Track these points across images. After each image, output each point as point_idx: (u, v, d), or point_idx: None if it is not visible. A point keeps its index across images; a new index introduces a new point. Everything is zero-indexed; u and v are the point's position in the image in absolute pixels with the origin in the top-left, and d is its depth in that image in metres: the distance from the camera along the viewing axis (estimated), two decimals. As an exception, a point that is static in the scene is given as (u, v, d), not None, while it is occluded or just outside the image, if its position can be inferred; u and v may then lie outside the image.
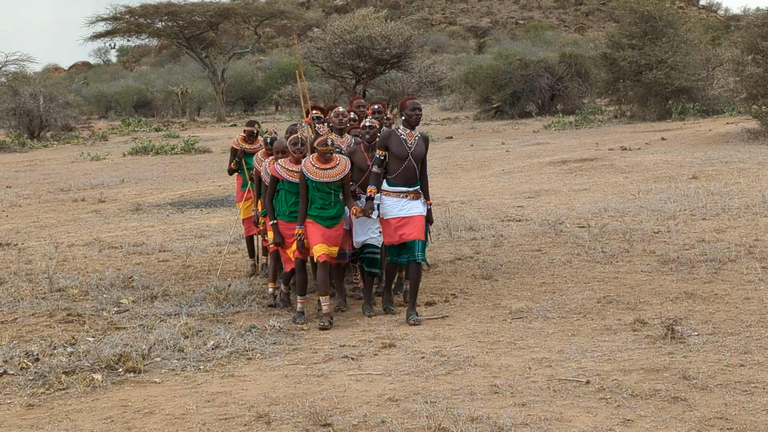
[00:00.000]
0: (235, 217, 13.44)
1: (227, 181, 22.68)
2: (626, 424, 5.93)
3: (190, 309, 9.64)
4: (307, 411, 6.31)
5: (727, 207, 14.23)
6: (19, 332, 8.94)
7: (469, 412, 6.21)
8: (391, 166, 8.92)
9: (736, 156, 21.56)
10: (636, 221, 13.55)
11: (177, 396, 6.91)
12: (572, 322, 8.73)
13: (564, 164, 22.42)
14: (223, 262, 12.05)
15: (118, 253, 13.33)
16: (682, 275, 10.27)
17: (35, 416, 6.55)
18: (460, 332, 8.52)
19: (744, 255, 10.97)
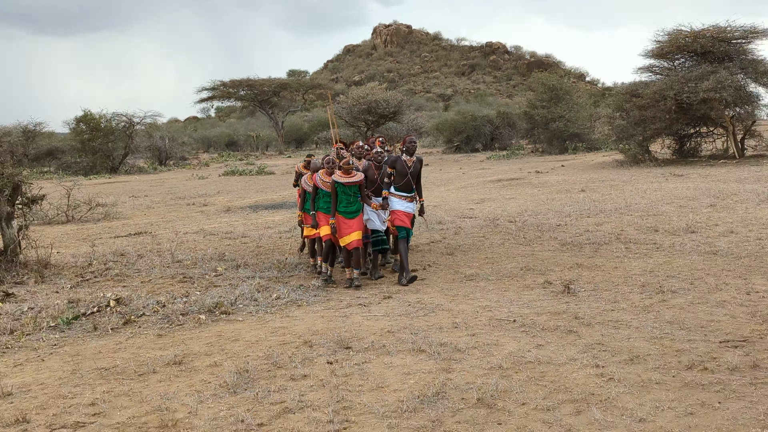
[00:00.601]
0: (294, 216, 13.99)
1: (285, 192, 23.05)
2: (539, 347, 6.29)
3: (261, 274, 10.11)
4: (335, 338, 6.75)
5: (603, 209, 14.74)
6: (152, 289, 9.44)
7: (438, 339, 6.59)
8: (397, 179, 9.44)
9: (609, 177, 22.13)
10: (545, 218, 13.98)
11: (253, 329, 7.33)
12: (504, 282, 9.03)
13: (499, 182, 22.86)
14: (290, 243, 12.55)
15: (215, 238, 13.87)
16: (574, 252, 10.68)
17: (162, 342, 7.04)
18: (433, 289, 8.84)
19: (614, 240, 11.45)
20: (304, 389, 5.54)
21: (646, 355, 5.98)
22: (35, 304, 8.65)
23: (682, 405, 4.90)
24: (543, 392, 5.25)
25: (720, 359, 5.76)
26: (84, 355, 6.76)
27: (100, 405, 5.40)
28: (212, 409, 5.23)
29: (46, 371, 6.31)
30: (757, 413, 4.68)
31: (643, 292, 8.20)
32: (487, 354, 6.19)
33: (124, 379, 6.01)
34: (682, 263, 9.62)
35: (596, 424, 4.65)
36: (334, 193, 9.25)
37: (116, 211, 19.55)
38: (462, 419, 4.85)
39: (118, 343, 7.13)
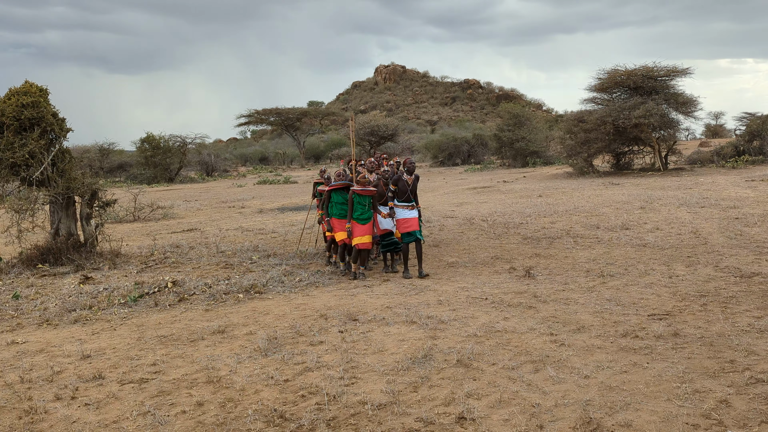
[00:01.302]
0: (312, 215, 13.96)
1: (306, 197, 22.99)
2: (505, 319, 6.30)
3: (287, 261, 10.08)
4: (345, 312, 6.78)
5: (556, 211, 14.72)
6: (201, 273, 9.42)
7: (426, 313, 6.61)
8: (399, 194, 8.90)
9: (560, 185, 22.17)
10: (510, 218, 13.93)
11: (280, 305, 7.33)
12: (478, 268, 9.02)
13: (474, 189, 22.87)
14: (301, 238, 12.37)
15: (251, 233, 13.82)
16: (533, 245, 10.66)
17: (209, 315, 7.03)
18: (422, 273, 8.86)
19: (564, 235, 11.43)
20: (320, 352, 5.56)
21: (590, 326, 5.99)
22: (109, 286, 8.65)
23: (618, 365, 4.90)
24: (509, 355, 5.27)
25: (648, 329, 5.78)
26: (147, 325, 6.78)
27: (160, 365, 5.42)
28: (248, 368, 5.24)
29: (118, 338, 6.33)
30: (677, 371, 4.69)
31: (588, 276, 8.20)
32: (464, 325, 6.21)
33: (178, 344, 6.02)
34: (618, 253, 9.61)
35: (550, 380, 4.66)
36: (351, 202, 8.82)
37: (172, 212, 19.51)
38: (445, 376, 4.86)
39: (174, 316, 7.14)
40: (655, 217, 13.05)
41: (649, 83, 27.13)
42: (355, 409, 4.31)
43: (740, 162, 26.67)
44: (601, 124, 26.50)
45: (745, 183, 19.16)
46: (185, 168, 45.42)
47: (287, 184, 33.33)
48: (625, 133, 26.63)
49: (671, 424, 3.83)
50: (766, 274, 7.66)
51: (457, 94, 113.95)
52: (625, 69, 27.74)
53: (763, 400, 4.09)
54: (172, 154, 42.21)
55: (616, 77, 27.79)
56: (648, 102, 25.72)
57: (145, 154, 41.45)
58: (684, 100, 26.69)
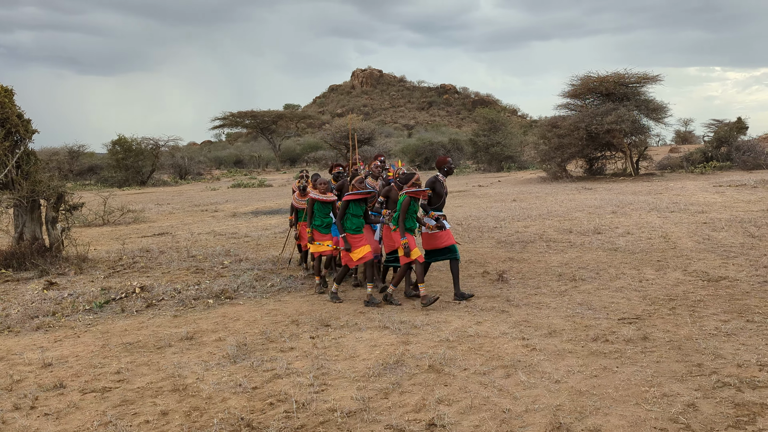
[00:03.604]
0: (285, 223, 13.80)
1: (281, 200, 22.87)
2: (478, 324, 6.28)
3: (259, 266, 9.91)
4: (318, 318, 6.70)
5: (530, 215, 14.79)
6: (171, 278, 9.25)
7: (399, 318, 6.57)
8: (434, 200, 7.59)
9: (534, 190, 22.32)
10: (485, 222, 13.94)
11: (251, 311, 7.21)
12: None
13: (449, 193, 22.46)
14: (285, 244, 12.39)
15: (223, 237, 13.63)
16: (507, 249, 10.65)
17: (177, 321, 6.90)
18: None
19: (538, 239, 11.44)
20: (290, 359, 5.48)
21: (561, 330, 6.00)
22: (74, 291, 8.45)
23: (589, 369, 4.91)
24: (481, 360, 5.24)
25: (618, 333, 5.80)
26: (113, 332, 6.62)
27: (124, 373, 5.28)
28: (216, 375, 5.14)
29: (81, 345, 6.17)
30: (646, 375, 4.71)
31: (560, 280, 8.23)
32: (437, 329, 6.18)
33: (144, 351, 5.89)
34: (590, 257, 9.67)
35: (521, 385, 4.64)
36: (343, 211, 7.53)
37: (144, 216, 19.19)
38: (416, 382, 4.81)
39: (141, 322, 6.99)
40: (626, 221, 13.20)
41: (620, 90, 27.55)
42: (324, 417, 4.25)
43: (708, 168, 27.21)
44: (574, 130, 26.83)
45: (713, 188, 19.51)
46: (158, 171, 44.92)
47: (262, 188, 33.07)
48: (598, 139, 26.99)
49: (640, 429, 3.83)
50: (733, 278, 7.77)
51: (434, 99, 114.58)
52: (598, 75, 28.14)
53: (730, 403, 4.12)
54: (144, 157, 41.69)
55: (589, 83, 28.17)
56: (620, 108, 26.10)
57: (117, 156, 40.85)
58: (654, 107, 27.16)
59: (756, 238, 10.37)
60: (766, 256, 8.95)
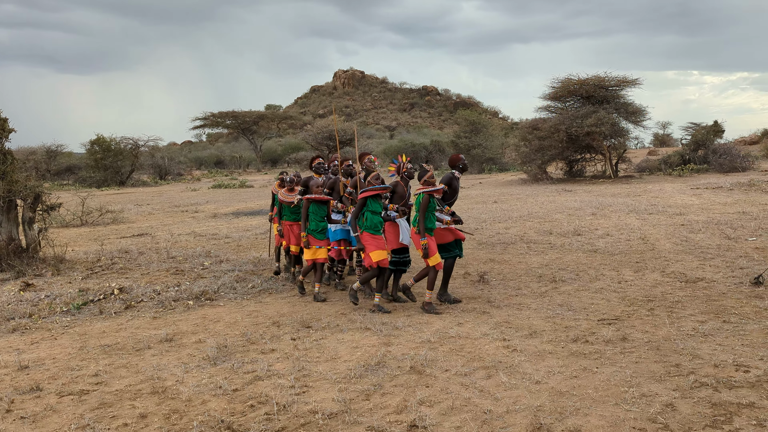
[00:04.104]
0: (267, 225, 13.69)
1: (262, 201, 22.77)
2: (459, 325, 6.30)
3: (240, 267, 9.83)
4: (299, 319, 6.68)
5: (511, 216, 14.90)
6: (150, 279, 9.16)
7: (381, 319, 6.57)
8: (449, 196, 7.44)
9: (515, 191, 22.50)
10: (466, 223, 13.73)
11: (231, 313, 7.16)
12: None
13: None
14: (270, 244, 12.40)
15: (203, 238, 13.54)
16: (488, 250, 10.69)
17: (157, 323, 6.83)
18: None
19: (518, 240, 11.51)
20: (271, 361, 5.44)
21: (541, 331, 6.03)
22: (51, 293, 8.32)
23: (569, 370, 4.93)
24: (462, 361, 5.24)
25: (598, 334, 5.85)
26: (90, 334, 6.52)
27: (102, 375, 5.21)
28: (196, 377, 5.09)
29: (58, 348, 6.07)
30: (626, 376, 4.75)
31: (540, 281, 8.27)
32: (419, 331, 6.18)
33: (123, 353, 5.81)
34: (570, 259, 9.73)
35: (502, 386, 4.65)
36: (359, 209, 7.07)
37: (123, 217, 18.97)
38: (398, 383, 4.80)
39: (120, 324, 6.90)
40: (605, 223, 13.32)
41: (600, 92, 27.85)
42: (306, 419, 4.22)
43: (686, 170, 27.59)
44: (554, 132, 27.06)
45: (691, 191, 19.79)
46: (137, 171, 44.48)
47: (243, 189, 32.87)
48: (578, 141, 27.25)
49: (619, 429, 3.86)
50: (710, 279, 7.88)
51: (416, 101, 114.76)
52: (578, 78, 28.41)
53: (707, 403, 4.17)
54: (123, 157, 41.24)
55: (570, 86, 28.44)
56: (599, 111, 26.39)
57: (95, 156, 40.35)
58: (633, 110, 27.50)
59: (732, 240, 10.53)
60: (742, 257, 9.09)
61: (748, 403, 4.14)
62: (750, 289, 7.31)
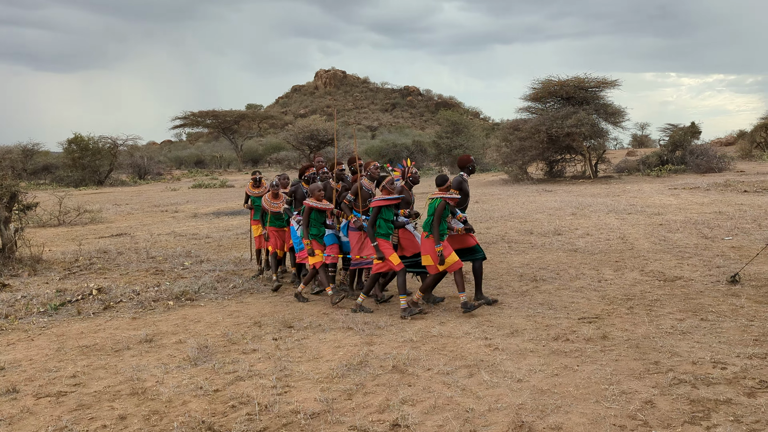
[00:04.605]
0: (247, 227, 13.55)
1: (242, 201, 22.38)
2: (441, 324, 6.32)
3: (221, 267, 9.77)
4: (280, 319, 6.64)
5: (492, 216, 14.95)
6: (129, 280, 9.06)
7: (363, 319, 6.55)
8: (461, 200, 7.34)
9: (496, 192, 22.61)
10: None
11: (213, 313, 7.10)
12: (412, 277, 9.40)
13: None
14: (250, 245, 12.27)
15: (184, 238, 13.42)
16: None
17: (136, 323, 6.74)
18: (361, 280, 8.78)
19: (500, 240, 11.57)
20: (253, 361, 5.40)
21: (522, 329, 6.06)
22: (28, 293, 8.18)
23: (550, 368, 4.96)
24: (444, 360, 5.25)
25: (578, 332, 5.89)
26: (68, 335, 6.43)
27: (81, 377, 5.13)
28: (176, 378, 5.03)
29: (35, 349, 5.97)
30: (606, 373, 4.79)
31: (521, 280, 8.32)
32: (401, 330, 6.17)
33: (102, 354, 5.73)
34: (550, 258, 9.80)
35: (485, 384, 4.67)
36: (375, 216, 6.93)
37: (101, 217, 18.72)
38: (380, 382, 4.80)
39: (98, 325, 6.80)
40: (585, 223, 13.45)
41: (580, 94, 28.11)
42: (288, 419, 4.20)
43: (664, 171, 27.96)
44: (535, 133, 27.26)
45: (669, 191, 20.06)
46: (116, 171, 44.00)
47: (223, 188, 32.64)
48: (558, 142, 27.49)
49: (599, 426, 3.90)
50: (687, 278, 7.98)
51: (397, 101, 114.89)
52: (559, 79, 28.66)
53: (686, 400, 4.23)
54: (101, 156, 40.74)
55: (550, 87, 28.67)
56: (579, 112, 26.63)
57: (73, 155, 39.81)
58: (613, 111, 27.80)
59: (709, 239, 10.69)
60: (719, 256, 9.23)
61: (726, 400, 4.20)
62: (727, 287, 7.42)
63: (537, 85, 29.40)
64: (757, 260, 8.66)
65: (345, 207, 7.58)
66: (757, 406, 4.07)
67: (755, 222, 12.34)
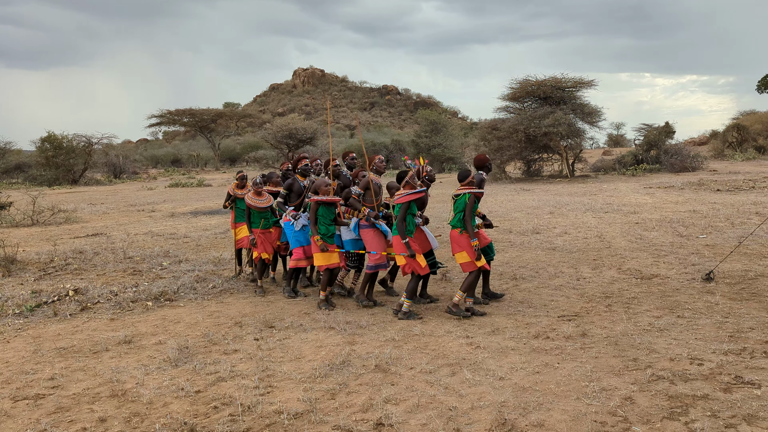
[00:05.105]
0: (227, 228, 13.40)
1: (221, 201, 22.20)
2: (423, 323, 6.31)
3: (200, 267, 9.65)
4: (262, 320, 6.60)
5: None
6: (107, 280, 8.94)
7: (345, 318, 6.52)
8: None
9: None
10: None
11: (192, 313, 7.04)
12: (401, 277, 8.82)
13: None
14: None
15: (161, 238, 13.23)
16: (449, 249, 9.92)
17: (114, 325, 6.66)
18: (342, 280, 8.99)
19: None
20: (234, 361, 5.37)
21: (503, 328, 6.10)
22: (2, 295, 8.02)
23: (531, 366, 5.01)
24: (426, 358, 5.27)
25: (558, 330, 5.95)
26: (45, 336, 6.32)
27: (59, 379, 5.05)
28: (157, 380, 4.98)
29: (11, 351, 5.85)
30: (586, 371, 4.85)
31: (501, 279, 8.37)
32: (383, 329, 6.18)
33: (80, 356, 5.65)
34: (529, 256, 9.88)
35: (467, 383, 4.70)
36: (404, 213, 6.65)
37: (76, 216, 18.40)
38: (363, 382, 4.80)
39: (76, 326, 6.70)
40: (563, 221, 13.59)
41: (557, 93, 28.39)
42: (271, 419, 4.18)
43: (639, 170, 28.37)
44: (513, 132, 27.46)
45: (644, 190, 20.35)
46: (91, 169, 43.30)
47: (201, 188, 32.34)
48: (536, 141, 27.73)
49: (580, 422, 3.95)
50: (664, 276, 8.11)
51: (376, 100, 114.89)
52: (536, 79, 28.89)
53: (664, 396, 4.30)
54: (76, 155, 40.06)
55: (528, 87, 28.90)
56: (557, 112, 26.89)
57: (46, 154, 39.10)
58: (589, 111, 28.12)
59: (684, 238, 10.87)
60: (694, 254, 9.39)
61: (703, 395, 4.28)
62: (702, 284, 7.56)
63: (515, 85, 29.62)
64: (730, 258, 8.83)
65: (355, 202, 7.25)
66: (733, 401, 4.16)
67: (728, 220, 12.59)
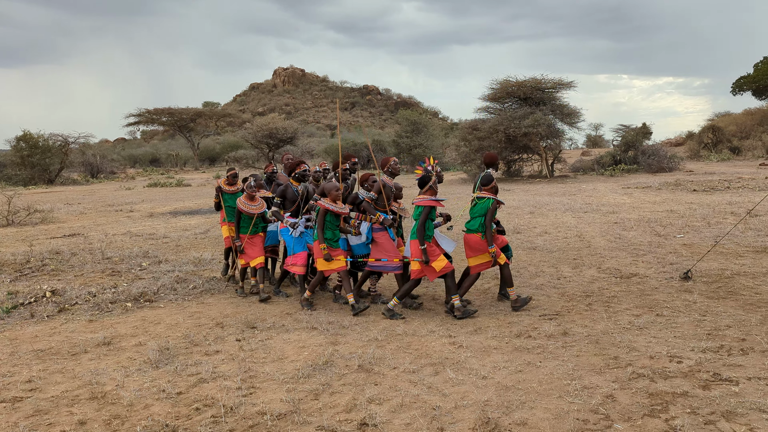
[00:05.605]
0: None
1: (200, 200, 22.24)
2: (406, 322, 6.38)
3: (180, 268, 9.58)
4: (243, 320, 6.56)
5: (452, 215, 14.80)
6: (84, 281, 8.81)
7: (327, 318, 6.53)
8: None
9: (455, 191, 22.85)
10: (408, 222, 13.74)
11: (173, 314, 6.98)
12: (390, 277, 9.43)
13: None
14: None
15: (140, 238, 13.10)
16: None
17: (93, 326, 6.57)
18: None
19: (459, 239, 10.67)
20: (216, 362, 5.32)
21: (486, 327, 6.13)
22: (-23, 296, 7.85)
23: (514, 364, 5.04)
24: (409, 358, 5.27)
25: (540, 329, 5.99)
26: (22, 339, 6.21)
27: (36, 382, 4.96)
28: (137, 381, 4.91)
29: (-14, 354, 5.74)
30: (567, 369, 4.89)
31: (483, 278, 8.42)
32: (366, 329, 6.18)
33: (58, 358, 5.56)
34: (511, 256, 9.91)
35: (450, 382, 4.71)
36: (425, 218, 6.66)
37: (52, 216, 18.11)
38: (346, 382, 4.79)
39: (53, 328, 6.59)
40: (543, 221, 13.69)
41: (537, 94, 28.62)
42: (254, 420, 4.15)
43: (617, 170, 28.70)
44: (493, 133, 27.63)
45: (622, 190, 20.59)
46: (67, 169, 42.65)
47: (180, 187, 32.02)
48: (516, 142, 27.92)
49: (563, 420, 3.98)
50: (643, 275, 8.22)
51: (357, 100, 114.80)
52: (516, 80, 29.10)
53: (645, 393, 4.35)
54: (52, 154, 39.40)
55: (508, 88, 29.10)
56: (536, 113, 27.12)
57: (21, 153, 38.42)
58: (569, 112, 28.40)
59: (662, 237, 11.02)
60: (672, 254, 9.52)
61: (682, 392, 4.34)
62: (680, 283, 7.67)
63: (495, 86, 29.81)
64: (707, 257, 8.97)
65: (368, 207, 7.14)
66: (712, 398, 4.22)
67: (704, 220, 12.78)
